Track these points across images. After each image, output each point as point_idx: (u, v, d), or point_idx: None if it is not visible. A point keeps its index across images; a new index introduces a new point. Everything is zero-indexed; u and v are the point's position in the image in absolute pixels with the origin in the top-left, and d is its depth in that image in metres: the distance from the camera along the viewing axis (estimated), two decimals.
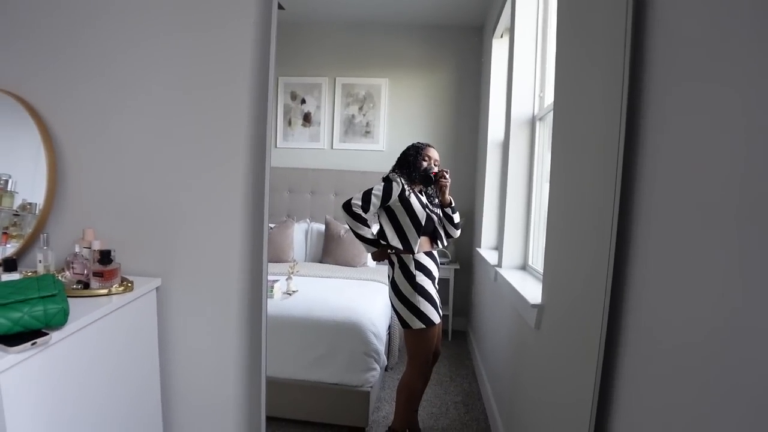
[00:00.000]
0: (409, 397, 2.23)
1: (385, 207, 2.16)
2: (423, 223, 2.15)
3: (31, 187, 1.59)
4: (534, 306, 1.77)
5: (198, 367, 1.64)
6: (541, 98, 2.55)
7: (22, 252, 1.55)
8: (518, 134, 2.62)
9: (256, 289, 1.60)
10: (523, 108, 2.65)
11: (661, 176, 0.92)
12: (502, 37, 3.58)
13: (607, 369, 1.11)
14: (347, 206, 2.13)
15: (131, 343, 1.44)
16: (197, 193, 1.57)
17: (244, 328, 1.62)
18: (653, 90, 0.97)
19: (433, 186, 2.25)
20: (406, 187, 2.15)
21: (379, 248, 2.18)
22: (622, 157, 1.03)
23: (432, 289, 2.17)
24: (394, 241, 2.17)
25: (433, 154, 2.25)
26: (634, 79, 1.03)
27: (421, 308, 2.12)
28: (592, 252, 1.20)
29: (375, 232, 2.18)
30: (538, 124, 2.57)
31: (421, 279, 2.15)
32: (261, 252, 1.56)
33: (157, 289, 1.57)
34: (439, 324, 2.21)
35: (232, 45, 1.53)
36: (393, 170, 2.26)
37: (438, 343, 2.33)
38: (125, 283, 1.42)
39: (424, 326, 2.12)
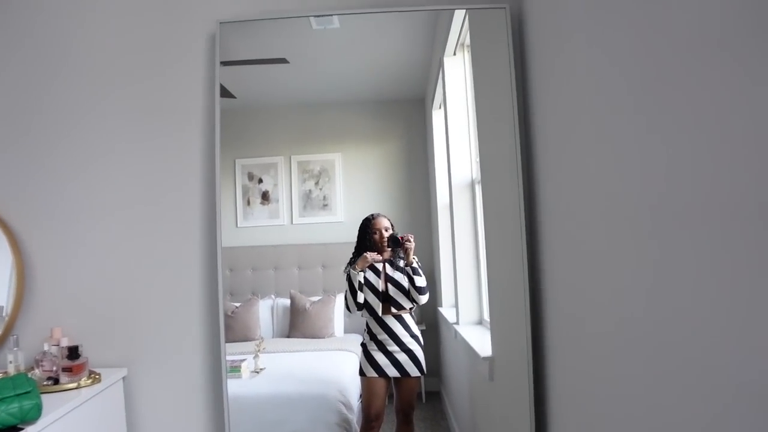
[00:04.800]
0: None
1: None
2: (381, 290, 2.31)
3: None
4: (485, 358, 1.90)
5: None
6: (478, 164, 2.80)
7: None
8: (460, 197, 2.84)
9: (217, 371, 1.68)
10: (462, 173, 2.88)
11: (558, 248, 1.10)
12: (440, 107, 3.89)
13: (539, 405, 1.24)
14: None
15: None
16: (155, 285, 1.68)
17: (210, 409, 1.68)
18: (543, 168, 1.17)
19: (399, 249, 2.45)
20: (358, 268, 2.32)
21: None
22: (525, 224, 1.21)
23: (372, 345, 2.43)
24: (365, 306, 2.41)
25: (381, 224, 2.45)
26: (527, 160, 1.24)
27: (360, 358, 2.41)
28: (514, 302, 1.36)
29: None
30: (477, 186, 2.80)
31: (365, 335, 2.48)
32: (219, 333, 1.66)
33: (123, 378, 1.63)
34: (372, 380, 2.33)
35: (181, 142, 1.70)
36: (352, 255, 2.44)
37: (377, 403, 2.40)
38: (93, 375, 1.49)
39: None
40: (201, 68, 1.69)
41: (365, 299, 2.41)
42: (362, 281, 2.41)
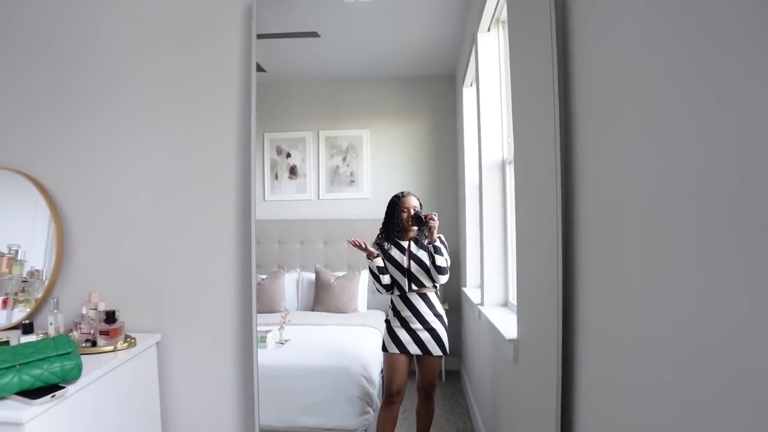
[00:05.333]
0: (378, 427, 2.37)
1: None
2: (405, 267, 2.35)
3: (37, 255, 1.73)
4: (510, 340, 1.89)
5: (196, 416, 1.74)
6: (510, 143, 2.75)
7: (32, 315, 1.68)
8: (490, 178, 2.80)
9: (247, 340, 1.71)
10: (492, 153, 2.84)
11: (593, 226, 1.08)
12: (471, 85, 3.83)
13: (566, 392, 1.23)
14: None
15: (135, 393, 1.57)
16: (189, 254, 1.71)
17: (239, 377, 1.72)
18: (582, 140, 1.14)
19: (424, 227, 2.45)
20: (385, 245, 2.46)
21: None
22: (561, 206, 1.19)
23: (395, 322, 2.47)
24: (394, 283, 2.48)
25: (410, 203, 2.45)
26: (566, 137, 1.21)
27: (383, 334, 2.50)
28: (545, 287, 1.35)
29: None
30: (508, 167, 2.76)
31: (389, 312, 2.53)
32: (250, 304, 1.69)
33: (157, 343, 1.68)
34: (394, 356, 2.45)
35: (216, 114, 1.71)
36: (379, 231, 2.56)
37: (398, 379, 2.47)
38: (129, 339, 1.55)
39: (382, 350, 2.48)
40: (237, 40, 1.68)
41: (392, 277, 2.44)
42: (380, 265, 2.43)
